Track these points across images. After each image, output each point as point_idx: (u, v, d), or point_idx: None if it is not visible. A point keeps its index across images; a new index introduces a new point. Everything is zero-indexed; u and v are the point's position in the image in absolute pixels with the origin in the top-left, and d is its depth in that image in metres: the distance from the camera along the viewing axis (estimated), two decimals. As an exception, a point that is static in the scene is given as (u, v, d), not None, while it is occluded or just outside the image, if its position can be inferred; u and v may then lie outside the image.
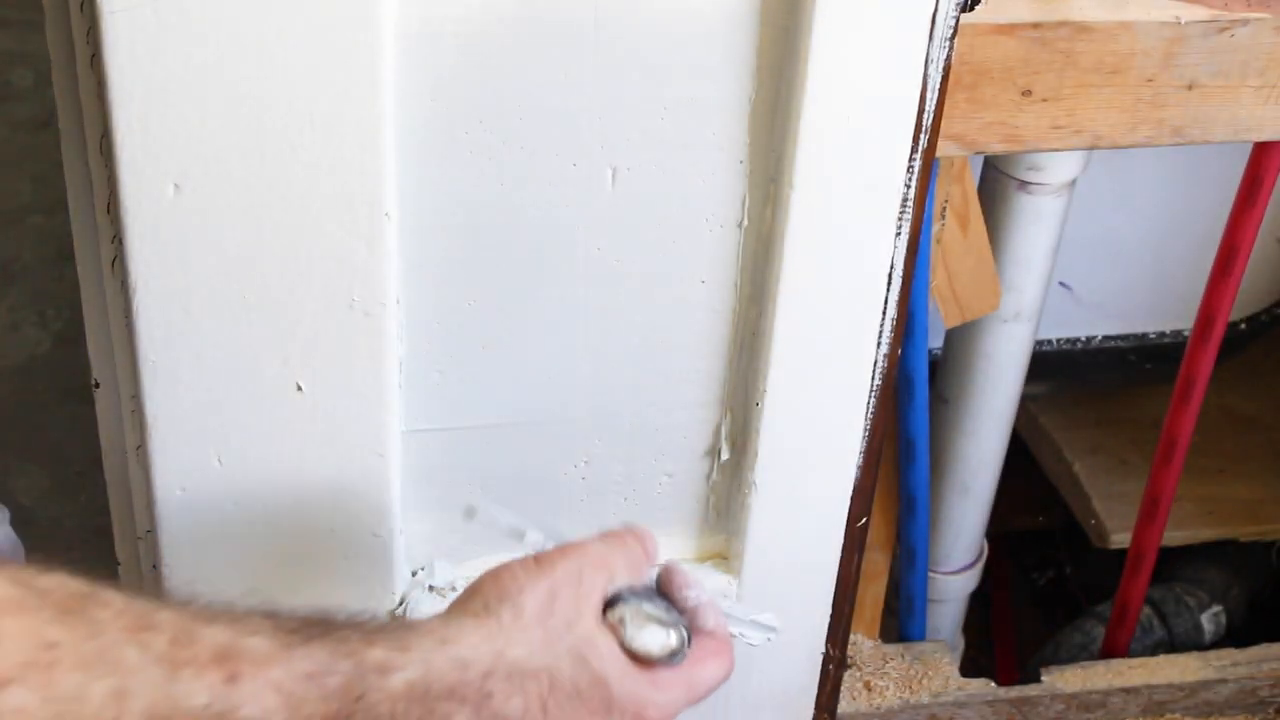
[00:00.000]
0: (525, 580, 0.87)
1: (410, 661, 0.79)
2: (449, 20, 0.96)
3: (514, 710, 0.83)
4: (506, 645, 0.84)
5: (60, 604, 0.66)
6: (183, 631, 0.71)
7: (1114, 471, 1.95)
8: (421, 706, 0.79)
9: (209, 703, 0.70)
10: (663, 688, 0.89)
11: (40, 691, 0.63)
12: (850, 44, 1.00)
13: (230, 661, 0.71)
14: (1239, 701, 1.72)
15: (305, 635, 0.76)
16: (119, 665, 0.67)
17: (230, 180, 0.96)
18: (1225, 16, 1.23)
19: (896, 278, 1.12)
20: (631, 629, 0.89)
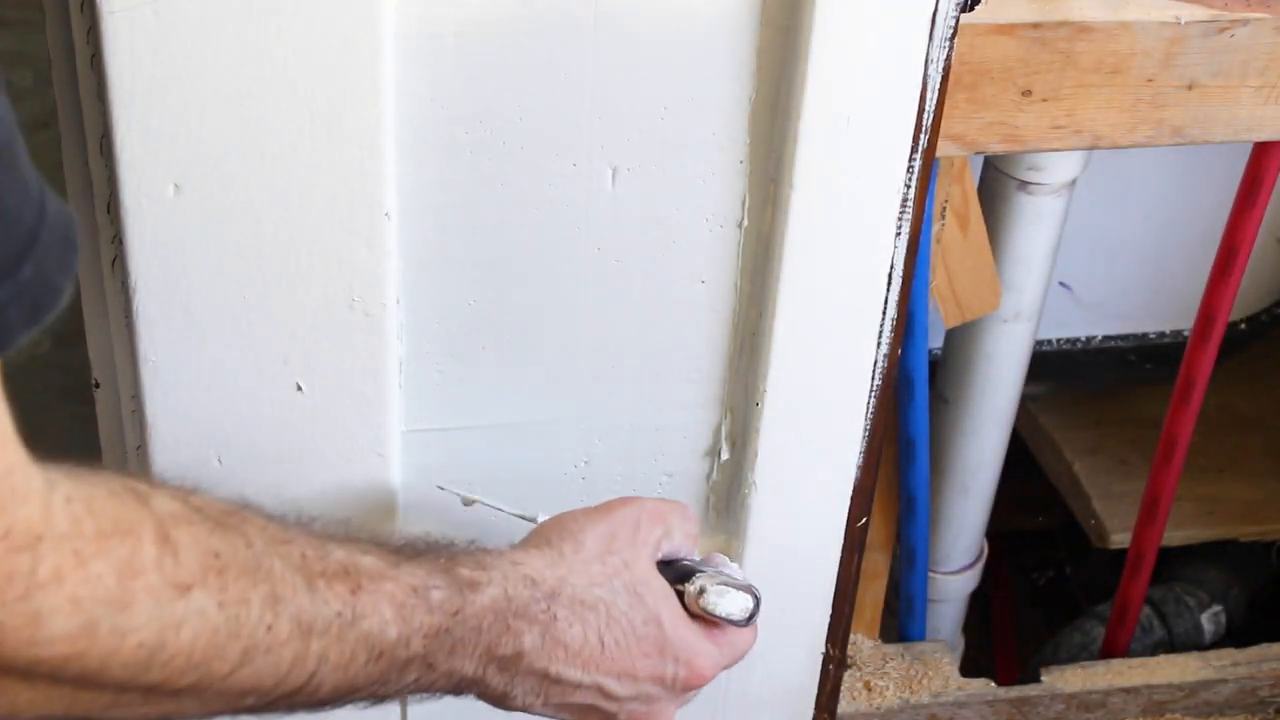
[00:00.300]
0: (585, 521, 0.92)
1: (492, 580, 0.85)
2: (449, 20, 0.96)
3: (574, 638, 0.88)
4: (568, 573, 0.89)
5: (215, 518, 0.71)
6: (312, 547, 0.76)
7: (1114, 471, 1.95)
8: (501, 622, 0.85)
9: (340, 611, 0.76)
10: (713, 641, 0.95)
11: (215, 596, 0.68)
12: (850, 44, 1.00)
13: (352, 576, 0.77)
14: (1239, 701, 1.72)
15: (406, 555, 0.83)
16: (270, 574, 0.72)
17: (230, 180, 0.96)
18: (1225, 16, 1.23)
19: (896, 278, 1.12)
20: (713, 595, 0.94)
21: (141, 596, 0.65)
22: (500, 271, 1.07)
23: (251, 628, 0.70)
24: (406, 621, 0.79)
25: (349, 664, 0.77)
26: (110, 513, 0.65)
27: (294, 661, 0.73)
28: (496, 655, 0.85)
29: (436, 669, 0.82)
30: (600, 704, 0.91)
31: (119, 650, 0.65)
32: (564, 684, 0.89)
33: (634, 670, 0.91)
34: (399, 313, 1.05)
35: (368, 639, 0.77)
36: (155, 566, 0.66)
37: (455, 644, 0.83)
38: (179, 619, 0.67)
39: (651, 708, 0.93)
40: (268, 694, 0.73)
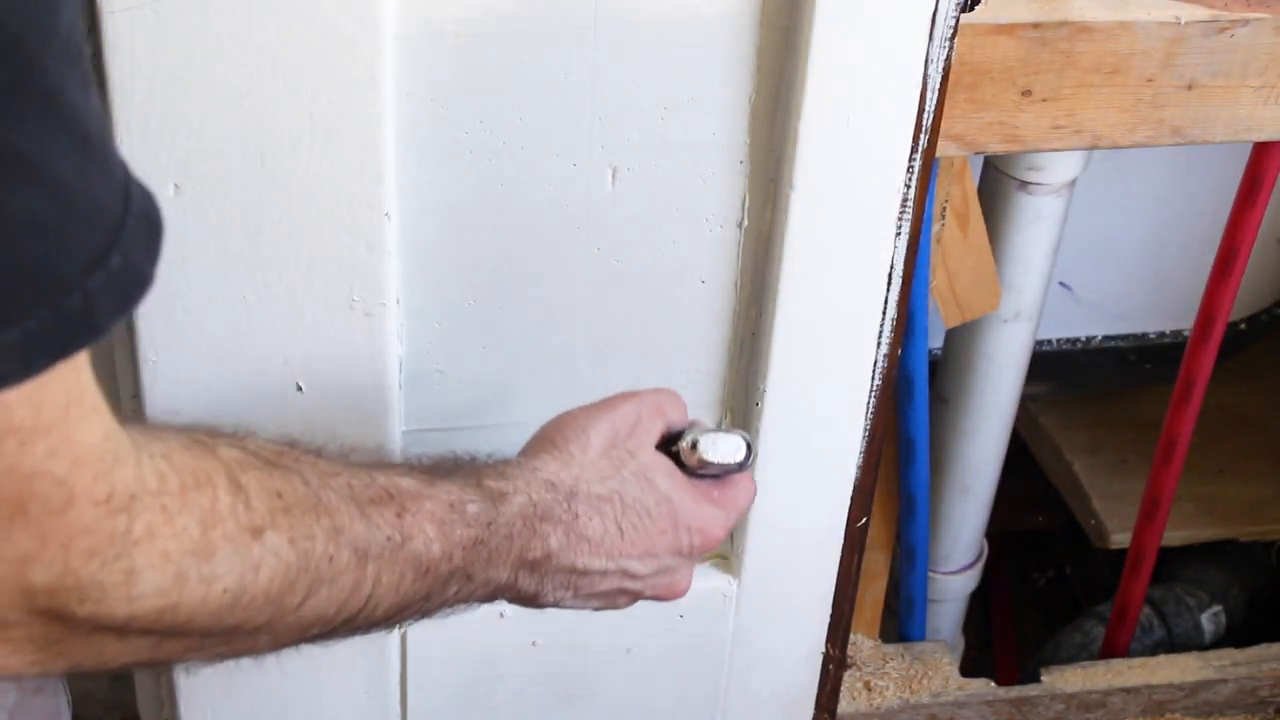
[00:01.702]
0: (587, 419, 0.95)
1: (516, 488, 0.88)
2: (449, 20, 0.96)
3: (595, 531, 0.91)
4: (581, 471, 0.92)
5: (270, 460, 0.74)
6: (357, 476, 0.79)
7: (1114, 471, 1.95)
8: (529, 528, 0.88)
9: (390, 535, 0.79)
10: (719, 504, 0.98)
11: (285, 535, 0.71)
12: (850, 44, 1.00)
13: (396, 499, 0.80)
14: (1239, 701, 1.72)
15: (439, 473, 0.86)
16: (328, 508, 0.75)
17: (230, 180, 0.96)
18: (1225, 16, 1.23)
19: (896, 278, 1.12)
20: (706, 444, 0.98)
21: (222, 544, 0.67)
22: (500, 272, 1.07)
23: (317, 561, 0.73)
24: (447, 537, 0.82)
25: (399, 584, 0.80)
26: (189, 465, 0.67)
27: (353, 588, 0.76)
28: (527, 560, 0.88)
29: (475, 579, 0.86)
30: (626, 585, 0.95)
31: (206, 599, 0.67)
32: (590, 574, 0.92)
33: (653, 549, 0.94)
34: (399, 313, 1.05)
35: (415, 558, 0.80)
36: (231, 514, 0.68)
37: (491, 554, 0.86)
38: (256, 561, 0.69)
39: (674, 578, 0.97)
40: (331, 621, 0.77)
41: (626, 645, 1.24)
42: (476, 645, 1.20)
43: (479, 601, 0.88)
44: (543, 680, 1.24)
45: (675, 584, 0.98)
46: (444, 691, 1.22)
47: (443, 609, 0.86)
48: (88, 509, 0.62)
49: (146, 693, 1.27)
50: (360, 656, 1.18)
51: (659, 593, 0.98)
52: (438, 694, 1.22)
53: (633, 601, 0.98)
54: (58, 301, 0.57)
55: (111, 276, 0.60)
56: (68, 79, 0.57)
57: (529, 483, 0.90)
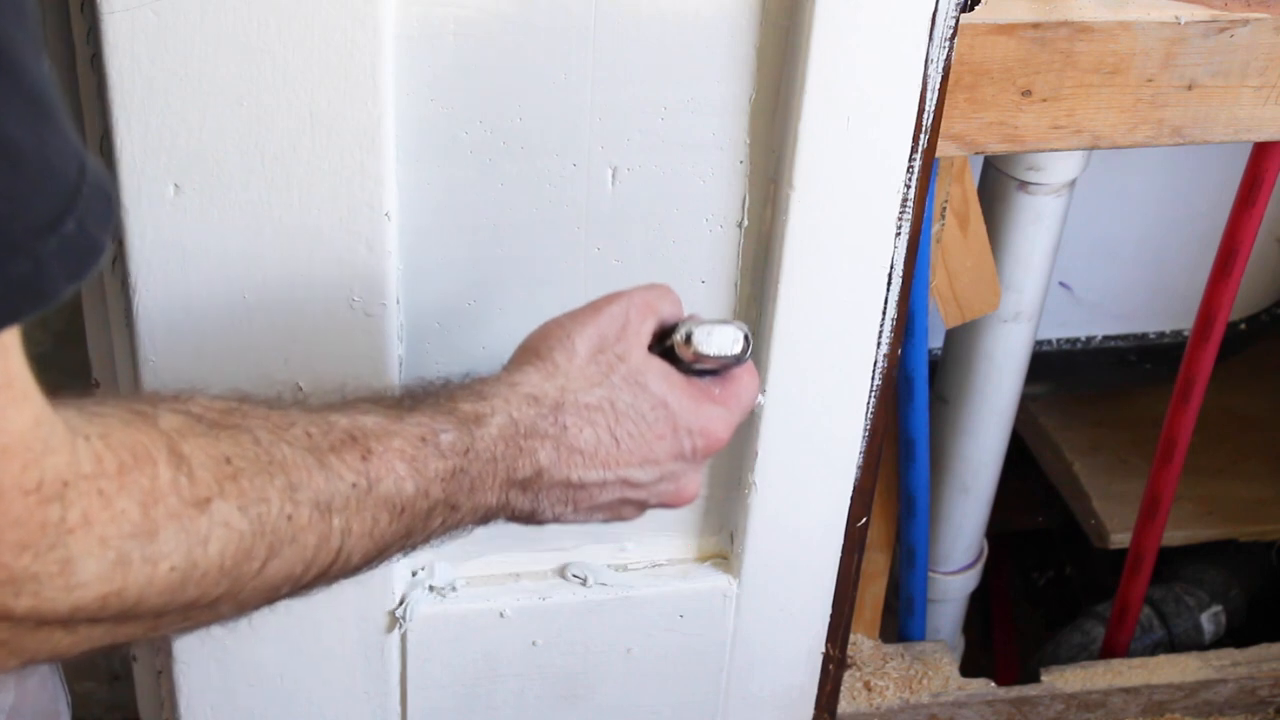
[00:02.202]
0: (572, 326, 0.91)
1: (495, 409, 0.85)
2: (449, 20, 0.96)
3: (587, 442, 0.88)
4: (567, 382, 0.88)
5: (217, 422, 0.71)
6: (314, 423, 0.76)
7: (1114, 471, 1.95)
8: (514, 448, 0.85)
9: (355, 482, 0.76)
10: (720, 402, 0.94)
11: (235, 502, 0.69)
12: (850, 44, 1.00)
13: (360, 441, 0.77)
14: (1239, 701, 1.72)
15: (407, 406, 0.82)
16: (282, 464, 0.72)
17: (230, 180, 0.96)
18: (1225, 17, 1.23)
19: (896, 278, 1.12)
20: (700, 337, 0.93)
21: (165, 522, 0.65)
22: (500, 271, 1.07)
23: (273, 523, 0.71)
24: (420, 473, 0.79)
25: (373, 530, 0.77)
26: (127, 443, 0.65)
27: (320, 543, 0.74)
28: (516, 479, 0.86)
29: (460, 509, 0.83)
30: (629, 495, 0.92)
31: (153, 580, 0.65)
32: (588, 487, 0.89)
33: (653, 455, 0.91)
34: (399, 313, 1.05)
35: (387, 501, 0.78)
36: (173, 489, 0.66)
37: (473, 481, 0.83)
38: (204, 534, 0.67)
39: (679, 483, 0.94)
40: (299, 580, 0.74)
41: (626, 645, 1.24)
42: (476, 645, 1.20)
43: (474, 525, 0.86)
44: (543, 680, 1.24)
45: (682, 490, 0.95)
46: (444, 691, 1.22)
47: (431, 540, 0.83)
48: (17, 500, 0.60)
49: (146, 693, 1.27)
50: (360, 656, 1.18)
51: (666, 500, 0.94)
52: (438, 694, 1.22)
53: (640, 511, 0.94)
54: (3, 265, 0.56)
55: (66, 243, 0.58)
56: (19, 41, 0.56)
57: (508, 400, 0.86)
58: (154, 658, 1.23)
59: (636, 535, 1.22)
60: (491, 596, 1.19)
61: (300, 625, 1.15)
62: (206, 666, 1.16)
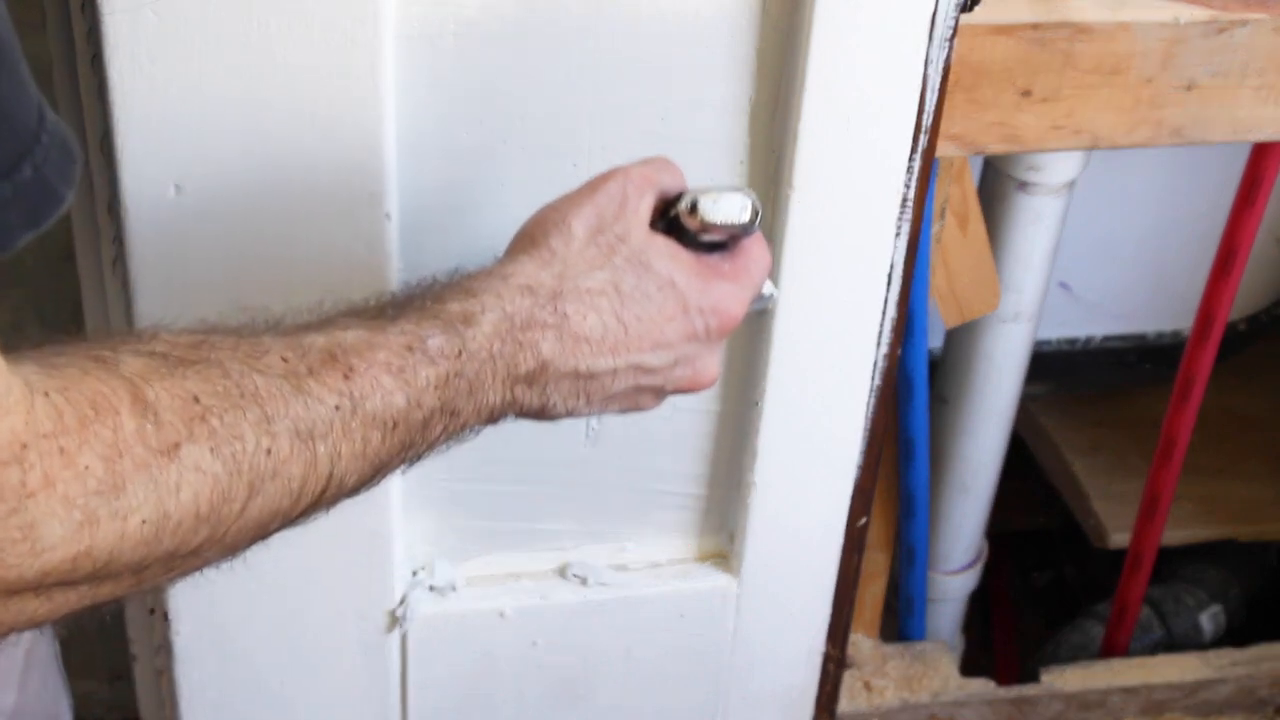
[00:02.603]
0: (567, 208, 0.86)
1: (485, 305, 0.81)
2: (449, 20, 0.96)
3: (592, 328, 0.84)
4: (565, 268, 0.84)
5: (183, 358, 0.68)
6: (289, 347, 0.73)
7: (1114, 471, 1.95)
8: (512, 342, 0.81)
9: (338, 404, 0.72)
10: (730, 277, 0.89)
11: (205, 444, 0.66)
12: (850, 44, 1.00)
13: (340, 359, 0.73)
14: (1238, 701, 1.72)
15: (390, 315, 0.78)
16: (255, 395, 0.69)
17: (230, 180, 0.96)
18: (1224, 17, 1.23)
19: (896, 278, 1.13)
20: (706, 205, 0.87)
21: (132, 474, 0.63)
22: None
23: (251, 460, 0.68)
24: (410, 384, 0.76)
25: (365, 450, 0.74)
26: (87, 394, 0.62)
27: (305, 474, 0.71)
28: (519, 375, 0.82)
29: (461, 413, 0.80)
30: (643, 382, 0.87)
31: (124, 535, 0.63)
32: (599, 377, 0.85)
33: (665, 339, 0.86)
34: (399, 313, 1.05)
35: (377, 418, 0.74)
36: (138, 438, 0.63)
37: (471, 383, 0.79)
38: (174, 482, 0.64)
39: (696, 366, 0.89)
40: (288, 512, 0.72)
41: (626, 645, 1.24)
42: (476, 645, 1.20)
43: (481, 425, 0.82)
44: (543, 680, 1.24)
45: (699, 373, 0.90)
46: (444, 691, 1.22)
47: (436, 448, 0.80)
48: None
49: (147, 693, 1.28)
50: (360, 656, 1.18)
51: (682, 385, 0.90)
52: (438, 694, 1.22)
53: (658, 399, 0.90)
54: None
55: (21, 188, 0.57)
56: None
57: (500, 295, 0.81)
58: (154, 658, 1.23)
59: (637, 535, 1.22)
60: (491, 596, 1.19)
61: (300, 625, 1.15)
62: (207, 666, 1.16)
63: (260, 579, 1.12)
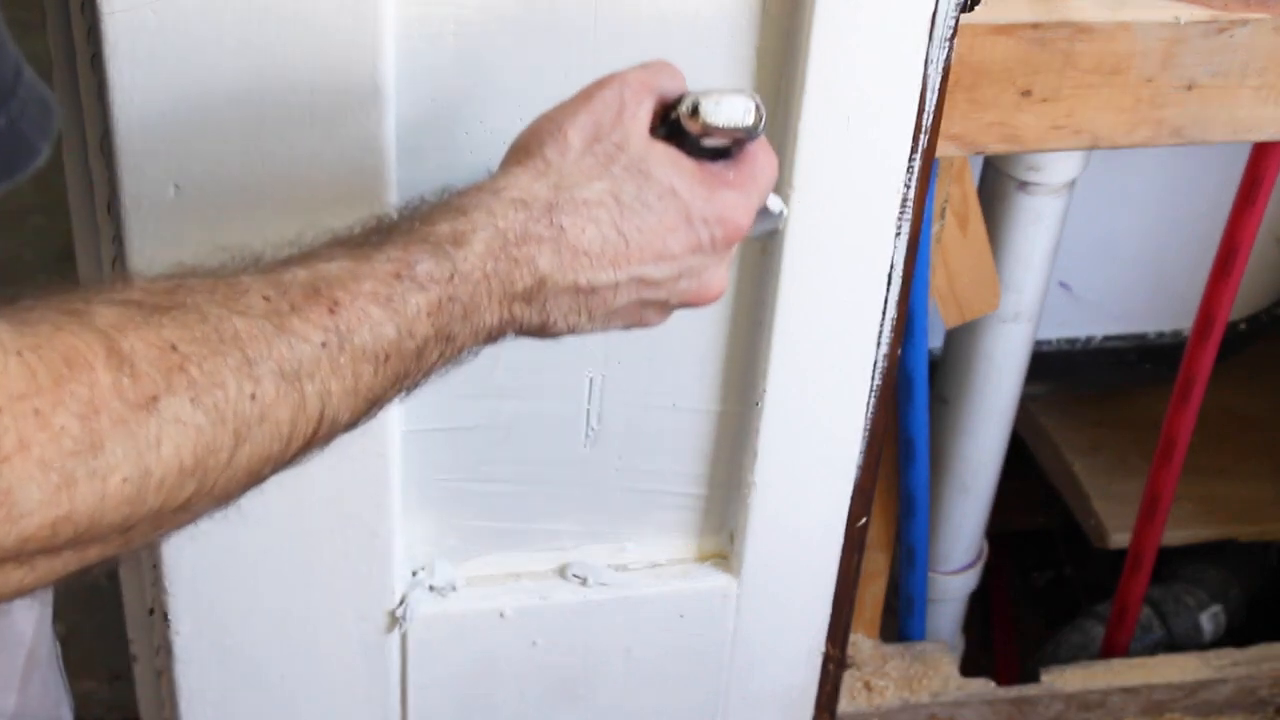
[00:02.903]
0: (562, 117, 0.83)
1: (476, 223, 0.78)
2: (449, 20, 0.96)
3: (591, 241, 0.81)
4: (560, 179, 0.81)
5: (159, 305, 0.65)
6: (270, 285, 0.70)
7: (1114, 471, 1.95)
8: (506, 259, 0.78)
9: (324, 340, 0.70)
10: (735, 186, 0.86)
11: (185, 394, 0.63)
12: (850, 44, 1.00)
13: (324, 293, 0.71)
14: (1238, 701, 1.72)
15: (375, 243, 0.76)
16: (235, 339, 0.66)
17: (230, 180, 0.96)
18: (1224, 17, 1.23)
19: (896, 278, 1.13)
20: (708, 106, 0.84)
21: (109, 431, 0.61)
22: (500, 271, 1.07)
23: (235, 407, 0.65)
24: (400, 313, 0.73)
25: (357, 386, 0.72)
26: (61, 350, 0.60)
27: (294, 416, 0.69)
28: (516, 292, 0.79)
29: (457, 338, 0.77)
30: (646, 296, 0.84)
31: (104, 496, 0.61)
32: (600, 291, 0.82)
33: (667, 250, 0.83)
34: (399, 313, 1.05)
35: (366, 352, 0.72)
36: (115, 393, 0.61)
37: (466, 306, 0.77)
38: (154, 436, 0.62)
39: (701, 278, 0.86)
40: (279, 456, 0.69)
41: (626, 645, 1.24)
42: (476, 645, 1.20)
43: (481, 346, 0.80)
44: (543, 680, 1.24)
45: (706, 286, 0.86)
46: (444, 691, 1.22)
47: (434, 374, 0.78)
48: None
49: (147, 693, 1.28)
50: (360, 656, 1.18)
51: (689, 299, 0.86)
52: (438, 694, 1.22)
53: (664, 314, 0.87)
54: None
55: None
56: None
57: (492, 211, 0.78)
58: (154, 658, 1.23)
59: (637, 535, 1.22)
60: (491, 596, 1.19)
61: (300, 625, 1.15)
62: (207, 666, 1.16)
63: (260, 579, 1.12)
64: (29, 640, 1.01)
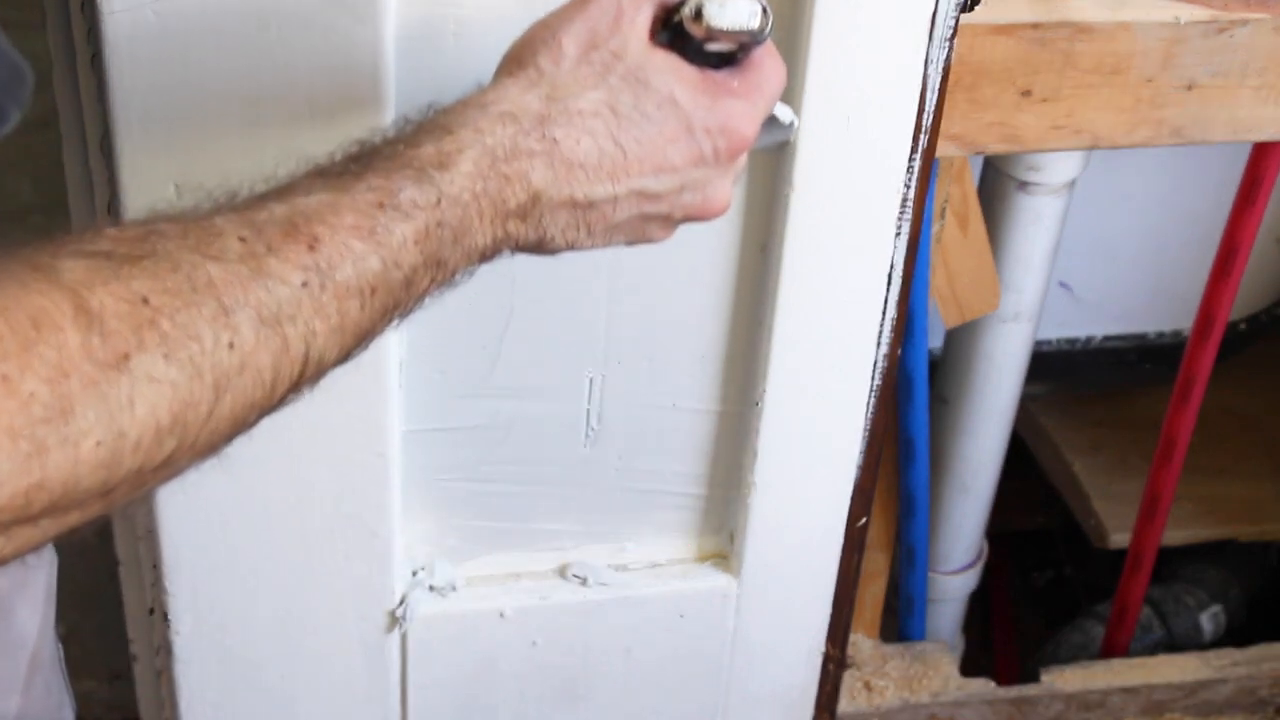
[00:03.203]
0: (557, 24, 0.80)
1: (463, 141, 0.75)
2: (449, 20, 0.96)
3: (587, 153, 0.78)
4: (553, 90, 0.78)
5: (128, 255, 0.63)
6: (245, 225, 0.67)
7: (1114, 471, 1.95)
8: (496, 177, 0.75)
9: (304, 280, 0.67)
10: (740, 94, 0.82)
11: (158, 349, 0.61)
12: (850, 44, 1.00)
13: (302, 229, 0.68)
14: (1238, 701, 1.72)
15: (355, 172, 0.73)
16: (209, 286, 0.64)
17: (230, 181, 0.96)
18: (1224, 17, 1.23)
19: (896, 278, 1.13)
20: (712, 8, 0.80)
21: (80, 394, 0.58)
22: (500, 273, 1.07)
23: (212, 358, 0.63)
24: (384, 244, 0.70)
25: (343, 323, 0.69)
26: (28, 311, 0.58)
27: (277, 361, 0.66)
28: (510, 210, 0.76)
29: (448, 263, 0.75)
30: (648, 209, 0.81)
31: (77, 462, 0.59)
32: (598, 205, 0.79)
33: (668, 162, 0.80)
34: (399, 313, 1.05)
35: (350, 288, 0.69)
36: (84, 354, 0.59)
37: (456, 230, 0.74)
38: (127, 396, 0.60)
39: (705, 192, 0.83)
40: (264, 403, 0.67)
41: (626, 645, 1.24)
42: (476, 645, 1.20)
43: (477, 266, 0.77)
44: (543, 680, 1.24)
45: (710, 199, 0.83)
46: (444, 691, 1.22)
47: (426, 300, 0.75)
48: None
49: (147, 693, 1.28)
50: (360, 656, 1.18)
51: (693, 212, 0.83)
52: (438, 694, 1.22)
53: (668, 228, 0.84)
54: None
55: None
56: None
57: (479, 128, 0.75)
58: (154, 658, 1.23)
59: (636, 535, 1.22)
60: (491, 596, 1.19)
61: (300, 625, 1.15)
62: (207, 666, 1.16)
63: (260, 579, 1.12)
64: (32, 643, 1.01)
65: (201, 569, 1.11)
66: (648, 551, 1.23)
